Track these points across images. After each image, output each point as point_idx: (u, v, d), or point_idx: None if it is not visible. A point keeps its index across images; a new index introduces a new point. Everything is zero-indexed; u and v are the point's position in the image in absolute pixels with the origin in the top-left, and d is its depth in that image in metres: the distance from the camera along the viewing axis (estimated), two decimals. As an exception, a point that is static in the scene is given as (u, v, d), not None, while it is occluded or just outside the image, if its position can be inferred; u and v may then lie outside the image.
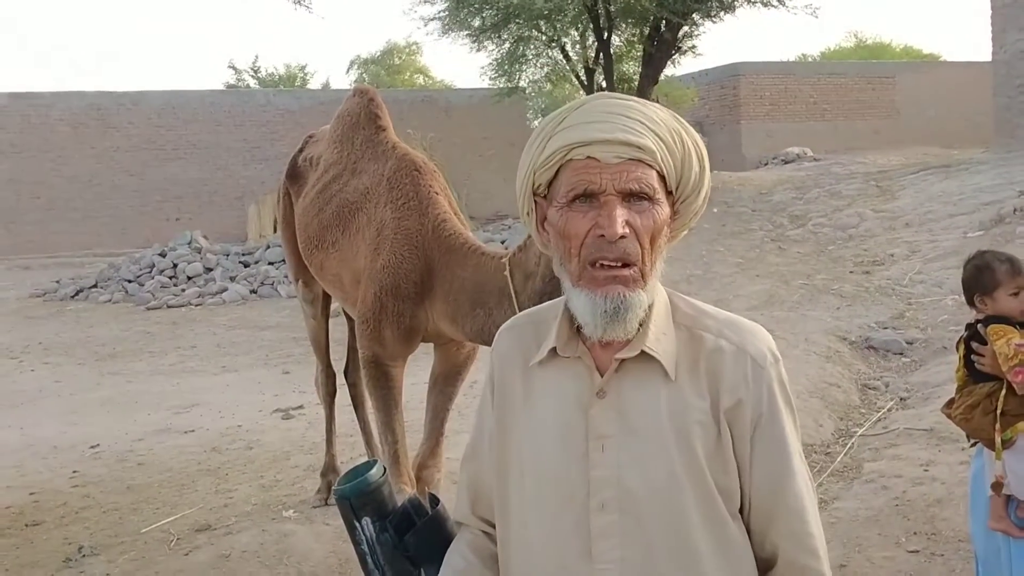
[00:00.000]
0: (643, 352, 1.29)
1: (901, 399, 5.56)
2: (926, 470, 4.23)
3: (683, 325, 1.35)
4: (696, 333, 1.34)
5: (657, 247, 1.29)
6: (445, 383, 3.70)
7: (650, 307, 1.31)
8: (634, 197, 1.26)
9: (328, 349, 4.69)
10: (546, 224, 1.34)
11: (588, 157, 1.26)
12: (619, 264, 1.26)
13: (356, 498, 1.42)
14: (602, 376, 1.31)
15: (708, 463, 1.28)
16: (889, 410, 5.38)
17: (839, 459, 4.63)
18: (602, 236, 1.24)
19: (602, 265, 1.26)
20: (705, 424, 1.28)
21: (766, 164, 20.15)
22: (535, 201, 1.37)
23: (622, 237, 1.24)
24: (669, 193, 1.32)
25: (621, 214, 1.24)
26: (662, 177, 1.30)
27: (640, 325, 1.29)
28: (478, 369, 7.04)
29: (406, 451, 3.53)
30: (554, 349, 1.34)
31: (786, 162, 19.74)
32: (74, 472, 5.25)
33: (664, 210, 1.30)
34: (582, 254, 1.27)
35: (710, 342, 1.33)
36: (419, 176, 3.55)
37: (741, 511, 1.32)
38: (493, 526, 1.42)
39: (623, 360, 1.30)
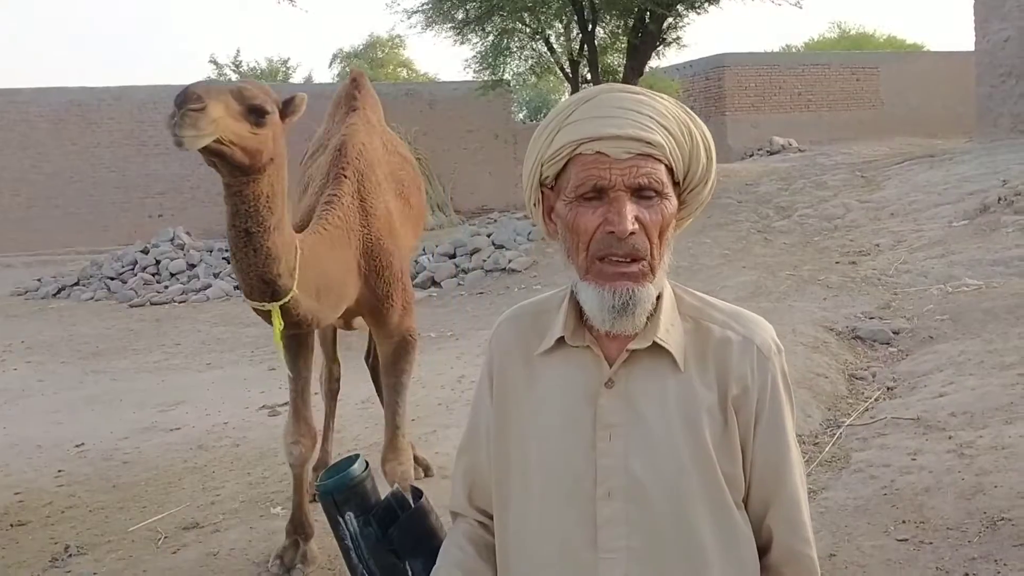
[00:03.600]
0: (654, 343, 1.29)
1: (888, 388, 5.58)
2: (914, 459, 4.24)
3: (689, 316, 1.36)
4: (703, 324, 1.35)
5: (665, 240, 1.30)
6: (386, 375, 3.69)
7: (658, 298, 1.31)
8: (643, 191, 1.26)
9: (335, 342, 4.64)
10: (553, 215, 1.34)
11: (597, 152, 1.25)
12: (628, 260, 1.25)
13: (339, 493, 1.44)
14: (610, 366, 1.30)
15: (716, 452, 1.28)
16: (876, 400, 5.39)
17: (827, 449, 4.64)
18: (612, 232, 1.24)
19: (611, 260, 1.25)
20: (713, 413, 1.29)
21: (751, 155, 20.22)
22: (542, 192, 1.36)
23: (632, 233, 1.24)
24: (676, 184, 1.32)
25: (631, 210, 1.24)
26: (670, 170, 1.29)
27: (648, 317, 1.29)
28: (465, 364, 7.06)
29: None
30: (561, 339, 1.33)
31: (771, 153, 19.83)
32: (59, 471, 5.19)
33: (672, 203, 1.30)
34: (591, 249, 1.27)
35: (717, 333, 1.34)
36: (339, 156, 3.48)
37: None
38: (490, 516, 1.42)
39: (633, 350, 1.30)
